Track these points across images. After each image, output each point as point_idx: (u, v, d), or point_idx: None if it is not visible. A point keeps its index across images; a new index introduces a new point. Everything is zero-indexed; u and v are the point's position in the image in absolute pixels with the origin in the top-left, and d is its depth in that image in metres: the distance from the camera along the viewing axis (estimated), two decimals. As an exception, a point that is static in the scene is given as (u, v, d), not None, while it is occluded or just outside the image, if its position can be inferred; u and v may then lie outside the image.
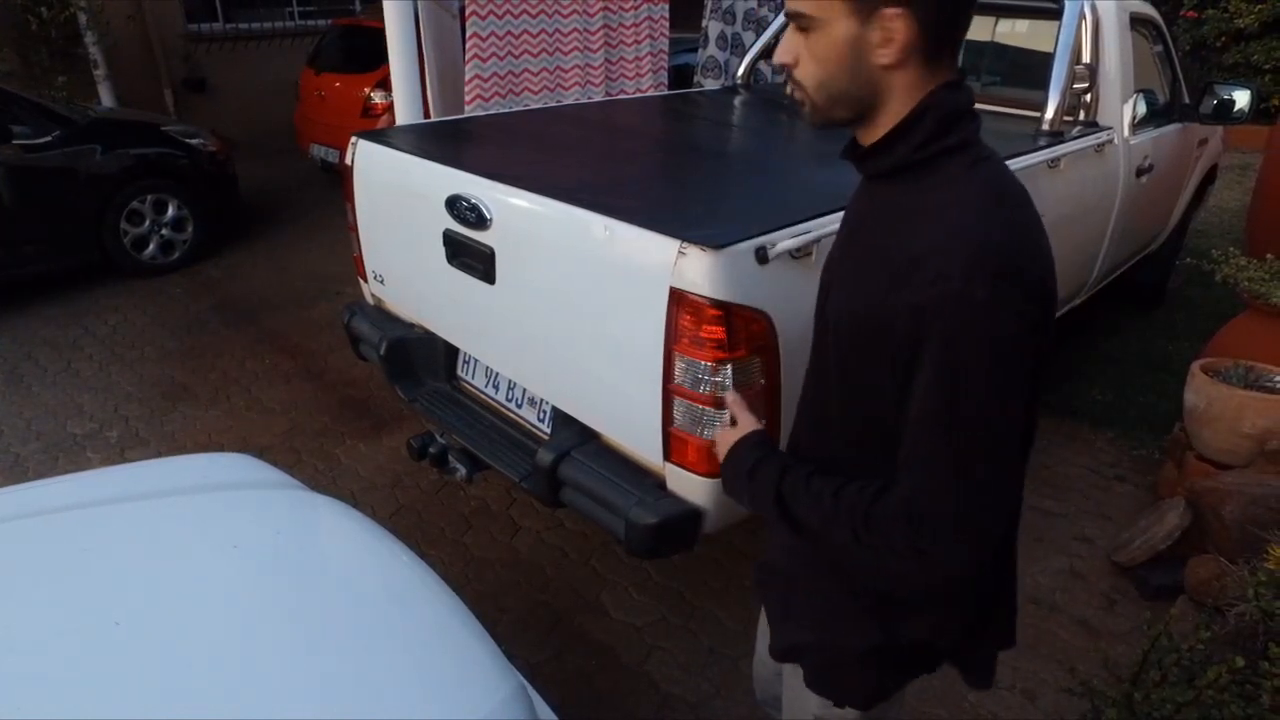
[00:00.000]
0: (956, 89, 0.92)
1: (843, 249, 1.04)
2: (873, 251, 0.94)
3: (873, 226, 0.97)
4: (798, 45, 0.91)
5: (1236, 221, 5.88)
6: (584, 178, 2.18)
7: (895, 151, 0.92)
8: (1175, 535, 2.49)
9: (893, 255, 0.89)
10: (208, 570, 1.26)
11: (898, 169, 0.93)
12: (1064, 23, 2.85)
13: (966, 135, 0.91)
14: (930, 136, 0.90)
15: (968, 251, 0.83)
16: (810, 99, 0.93)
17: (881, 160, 0.94)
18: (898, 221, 0.92)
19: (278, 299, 4.70)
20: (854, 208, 1.06)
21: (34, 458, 3.19)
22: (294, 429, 3.39)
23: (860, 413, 1.00)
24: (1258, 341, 2.95)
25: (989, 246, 0.84)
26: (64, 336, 4.20)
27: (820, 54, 0.89)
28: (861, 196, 1.04)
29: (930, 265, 0.84)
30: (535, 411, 2.24)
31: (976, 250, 0.83)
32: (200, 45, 8.49)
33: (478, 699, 1.11)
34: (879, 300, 0.90)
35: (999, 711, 2.12)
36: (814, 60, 0.90)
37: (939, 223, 0.87)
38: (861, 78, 0.90)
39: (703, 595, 2.50)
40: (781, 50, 0.93)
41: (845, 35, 0.87)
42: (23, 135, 4.34)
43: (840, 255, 1.04)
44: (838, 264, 1.04)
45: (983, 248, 0.83)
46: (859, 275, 0.96)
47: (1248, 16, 8.30)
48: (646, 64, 3.94)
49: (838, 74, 0.90)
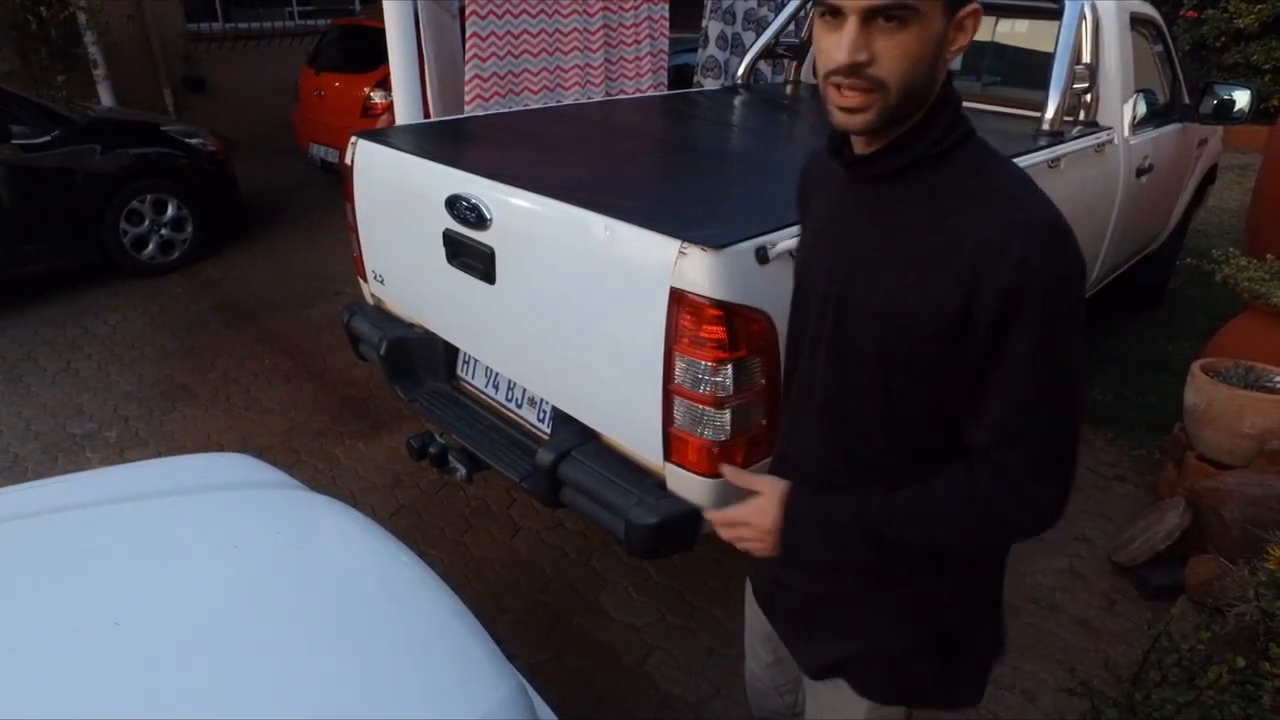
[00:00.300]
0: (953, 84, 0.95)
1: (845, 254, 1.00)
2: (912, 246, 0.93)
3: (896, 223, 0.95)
4: (878, 41, 0.86)
5: (1236, 221, 5.88)
6: (584, 178, 2.18)
7: (918, 146, 0.92)
8: (1175, 535, 2.49)
9: (952, 244, 0.90)
10: (207, 570, 1.26)
11: (918, 163, 0.93)
12: (1064, 23, 2.85)
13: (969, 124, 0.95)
14: (949, 127, 0.92)
15: (1041, 232, 0.88)
16: (888, 100, 0.88)
17: (901, 156, 0.93)
18: (937, 213, 0.92)
19: (277, 299, 4.70)
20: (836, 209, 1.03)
21: (33, 458, 3.19)
22: (293, 429, 3.39)
23: (909, 409, 0.99)
24: (1258, 342, 2.95)
25: (1053, 224, 0.89)
26: (63, 336, 4.20)
27: (913, 49, 0.86)
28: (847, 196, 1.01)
29: (1011, 249, 0.86)
30: (535, 411, 2.24)
31: (1047, 229, 0.88)
32: (200, 45, 8.49)
33: (477, 699, 1.11)
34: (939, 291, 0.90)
35: (999, 711, 2.12)
36: (903, 55, 0.86)
37: (995, 206, 0.89)
38: (934, 74, 0.90)
39: (702, 595, 2.50)
40: (853, 46, 0.85)
41: (938, 31, 0.87)
42: (22, 135, 4.34)
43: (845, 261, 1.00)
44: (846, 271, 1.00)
45: (1053, 225, 0.89)
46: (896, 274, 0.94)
47: (1247, 17, 8.31)
48: (646, 64, 3.94)
49: (924, 70, 0.88)
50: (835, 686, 1.18)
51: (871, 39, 0.85)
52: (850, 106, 0.88)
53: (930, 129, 0.92)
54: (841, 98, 0.89)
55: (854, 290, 0.98)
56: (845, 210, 1.02)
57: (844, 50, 0.85)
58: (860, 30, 0.85)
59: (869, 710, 1.16)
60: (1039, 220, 0.88)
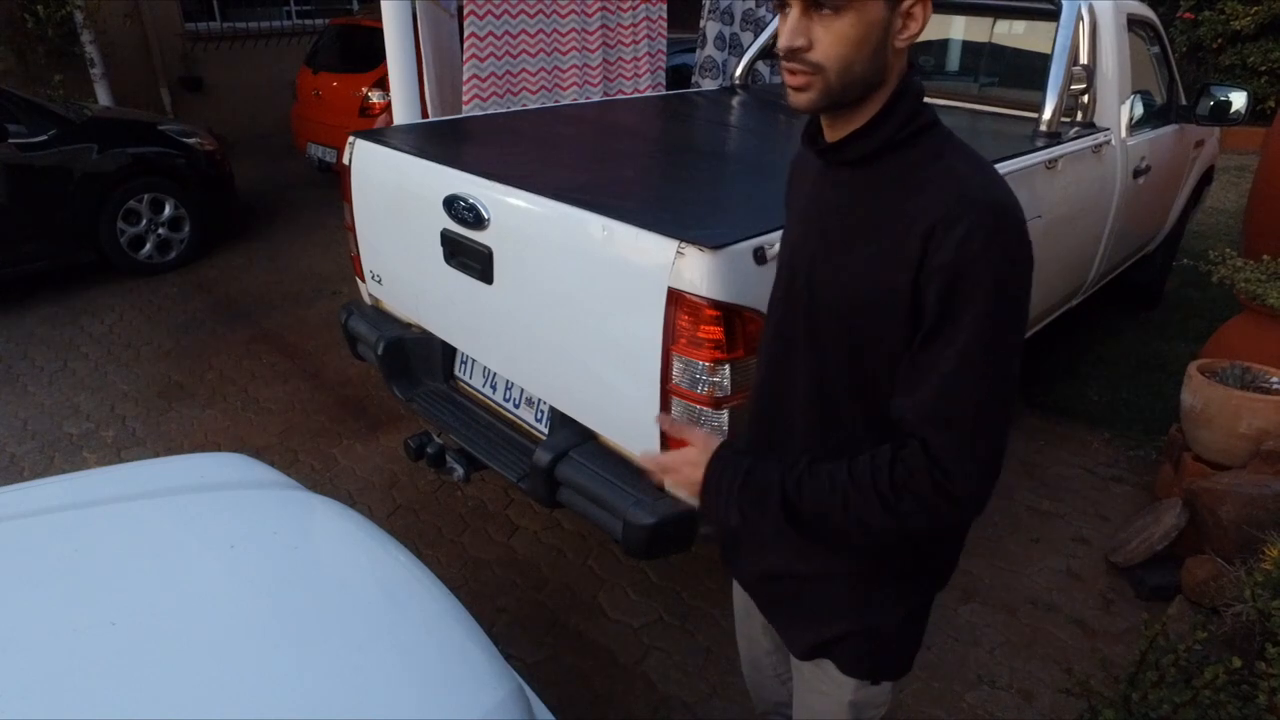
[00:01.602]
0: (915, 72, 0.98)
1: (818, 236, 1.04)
2: (873, 228, 0.96)
3: (861, 206, 0.99)
4: (812, 26, 0.91)
5: (1233, 223, 5.90)
6: (582, 178, 2.18)
7: (880, 133, 0.96)
8: (1172, 536, 2.49)
9: (906, 225, 0.92)
10: (204, 570, 1.26)
11: (883, 149, 0.96)
12: (1061, 24, 2.86)
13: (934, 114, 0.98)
14: (910, 116, 0.96)
15: (990, 211, 0.90)
16: (827, 81, 0.92)
17: (866, 142, 0.97)
18: (896, 196, 0.95)
19: (275, 298, 4.69)
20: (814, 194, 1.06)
21: (29, 457, 3.18)
22: (291, 429, 3.39)
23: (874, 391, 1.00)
24: (1254, 342, 2.96)
25: (1004, 205, 0.92)
26: (60, 336, 4.19)
27: (850, 34, 0.90)
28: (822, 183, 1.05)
29: (958, 226, 0.89)
30: (533, 411, 2.24)
31: (996, 209, 0.91)
32: (197, 44, 8.48)
33: (474, 699, 1.11)
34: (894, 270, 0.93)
35: (996, 711, 2.12)
36: (840, 41, 0.90)
37: (948, 188, 0.92)
38: (879, 60, 0.92)
39: (699, 595, 2.50)
40: (792, 32, 0.92)
41: (878, 16, 0.90)
42: (19, 134, 4.33)
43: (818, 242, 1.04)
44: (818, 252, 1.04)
45: (1000, 206, 0.91)
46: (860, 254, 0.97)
47: (1244, 19, 8.34)
48: (644, 64, 3.95)
49: (863, 56, 0.91)
50: (821, 666, 1.20)
51: (811, 26, 0.91)
52: (794, 86, 0.95)
53: (891, 116, 0.95)
54: (789, 79, 0.95)
55: (823, 271, 1.02)
56: (819, 195, 1.06)
57: (784, 36, 0.93)
58: (801, 18, 0.91)
59: (855, 689, 1.19)
60: (985, 202, 0.91)
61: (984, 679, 2.21)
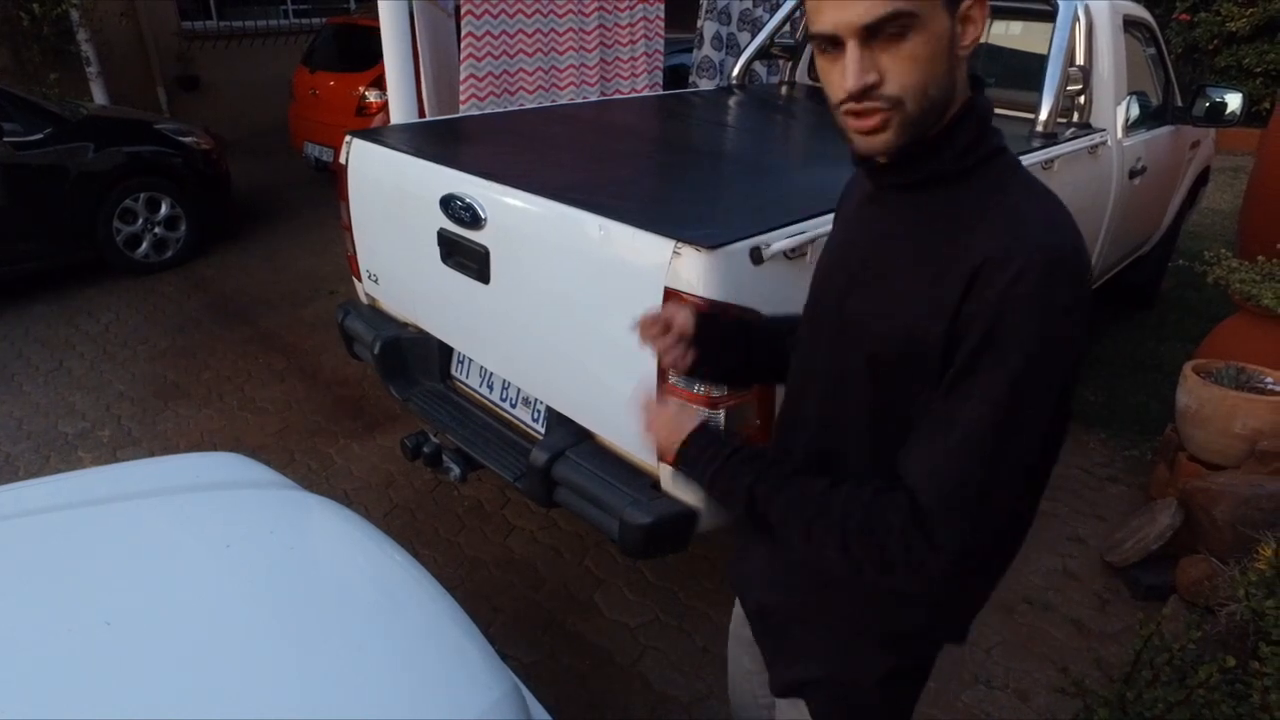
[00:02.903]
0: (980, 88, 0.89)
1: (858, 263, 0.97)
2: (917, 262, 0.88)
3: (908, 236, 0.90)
4: (878, 58, 0.80)
5: (1228, 223, 5.91)
6: (579, 177, 2.18)
7: (940, 158, 0.86)
8: (1167, 535, 2.50)
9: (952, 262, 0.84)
10: (200, 570, 1.26)
11: (940, 176, 0.87)
12: (1058, 25, 2.87)
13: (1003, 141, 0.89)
14: (976, 139, 0.86)
15: (1049, 255, 0.80)
16: (905, 114, 0.82)
17: (923, 167, 0.87)
18: (948, 228, 0.87)
19: (271, 298, 4.68)
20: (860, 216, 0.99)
21: (25, 457, 3.18)
22: (287, 428, 3.38)
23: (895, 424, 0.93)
24: (1249, 343, 2.97)
25: (1067, 253, 0.82)
26: (56, 335, 4.18)
27: (922, 55, 0.80)
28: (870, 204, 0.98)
29: (1009, 267, 0.80)
30: (529, 411, 2.24)
31: (1057, 255, 0.81)
32: (194, 43, 8.46)
33: (471, 699, 1.11)
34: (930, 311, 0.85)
35: (992, 711, 2.13)
36: (915, 66, 0.80)
37: (1006, 226, 0.83)
38: (950, 76, 0.83)
39: (696, 595, 2.50)
40: (859, 70, 0.80)
41: (944, 28, 0.80)
42: (14, 132, 4.32)
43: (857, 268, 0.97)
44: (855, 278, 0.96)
45: (1062, 253, 0.82)
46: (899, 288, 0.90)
47: (1239, 20, 8.37)
48: (641, 64, 3.94)
49: (937, 76, 0.82)
50: (797, 706, 1.16)
51: (876, 57, 0.80)
52: (869, 129, 0.84)
53: (954, 140, 0.86)
54: (859, 122, 0.84)
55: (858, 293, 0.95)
56: (864, 218, 0.99)
57: (851, 76, 0.81)
58: (862, 52, 0.80)
59: None
60: (1046, 245, 0.81)
61: (980, 678, 2.22)
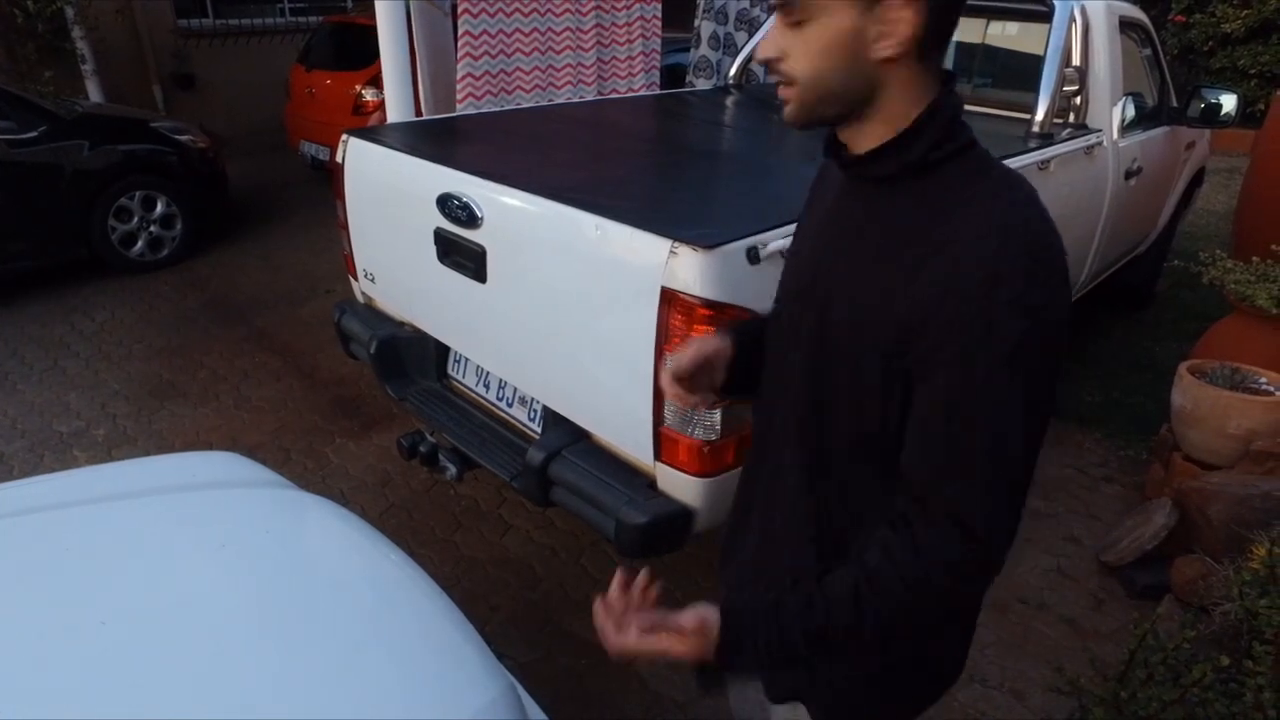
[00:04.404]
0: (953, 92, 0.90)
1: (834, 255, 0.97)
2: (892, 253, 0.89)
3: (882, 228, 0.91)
4: (784, 38, 0.86)
5: (1224, 224, 5.93)
6: (575, 177, 2.18)
7: (905, 154, 0.88)
8: (1162, 535, 2.51)
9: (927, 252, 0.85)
10: (196, 569, 1.25)
11: (910, 169, 0.89)
12: (1054, 25, 2.87)
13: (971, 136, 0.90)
14: (944, 137, 0.88)
15: (1023, 241, 0.81)
16: (802, 95, 0.87)
17: (889, 163, 0.89)
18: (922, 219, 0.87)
19: (267, 297, 4.67)
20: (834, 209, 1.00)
21: (19, 456, 3.17)
22: (283, 427, 3.38)
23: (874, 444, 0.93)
24: (1243, 343, 2.98)
25: (1041, 239, 0.83)
26: (51, 334, 4.17)
27: (816, 47, 0.84)
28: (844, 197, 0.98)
29: (982, 252, 0.80)
30: (526, 410, 2.24)
31: (1031, 241, 0.82)
32: (190, 41, 8.43)
33: (467, 698, 1.11)
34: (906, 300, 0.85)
35: (987, 710, 2.13)
36: (807, 54, 0.84)
37: (978, 214, 0.83)
38: (857, 73, 0.85)
39: (693, 595, 2.50)
40: (766, 44, 0.87)
41: (845, 26, 0.83)
42: (8, 130, 4.31)
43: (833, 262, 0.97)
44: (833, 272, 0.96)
45: (1036, 240, 0.82)
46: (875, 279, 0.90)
47: (1234, 22, 8.39)
48: (639, 63, 3.94)
49: (834, 69, 0.84)
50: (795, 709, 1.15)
51: (785, 35, 0.86)
52: (782, 99, 0.90)
53: (919, 137, 0.87)
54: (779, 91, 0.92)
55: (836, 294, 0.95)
56: (838, 209, 0.99)
57: (761, 47, 0.89)
58: (778, 28, 0.87)
59: None
60: (1019, 231, 0.81)
61: (975, 677, 2.22)
